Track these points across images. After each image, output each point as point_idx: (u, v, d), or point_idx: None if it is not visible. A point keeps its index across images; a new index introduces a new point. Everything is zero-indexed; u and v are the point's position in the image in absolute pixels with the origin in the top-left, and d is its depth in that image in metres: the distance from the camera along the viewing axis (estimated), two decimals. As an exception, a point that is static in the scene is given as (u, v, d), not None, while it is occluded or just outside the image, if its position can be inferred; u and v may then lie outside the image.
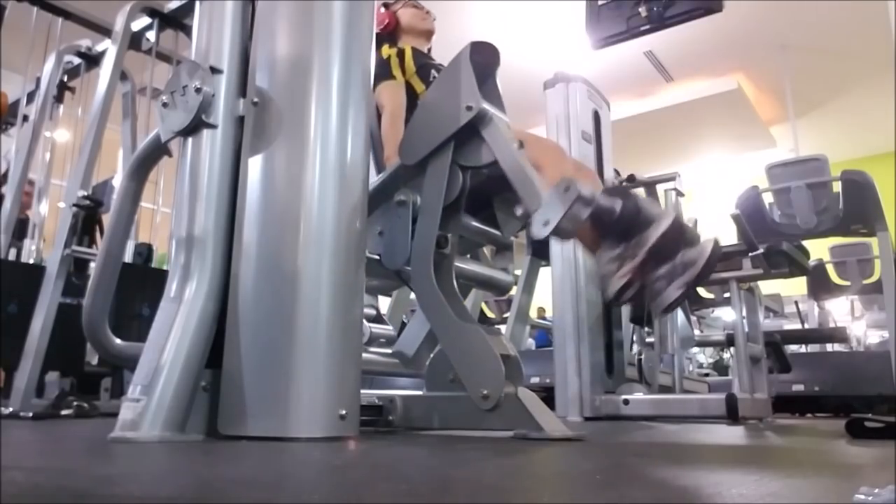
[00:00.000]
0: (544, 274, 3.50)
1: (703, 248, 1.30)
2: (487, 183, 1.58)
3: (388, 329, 1.86)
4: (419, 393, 1.65)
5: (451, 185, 1.47)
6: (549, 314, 6.63)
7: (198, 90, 1.43)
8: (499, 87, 1.54)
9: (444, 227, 1.48)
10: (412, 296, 1.59)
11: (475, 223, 1.67)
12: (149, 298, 2.70)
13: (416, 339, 1.73)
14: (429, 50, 2.28)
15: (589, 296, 2.89)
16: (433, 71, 2.09)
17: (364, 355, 1.52)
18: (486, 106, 1.44)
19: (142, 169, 1.68)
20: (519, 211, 1.37)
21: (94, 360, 2.64)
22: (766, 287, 4.11)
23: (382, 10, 2.24)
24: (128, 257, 2.97)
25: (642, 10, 2.66)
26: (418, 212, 1.50)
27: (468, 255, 1.82)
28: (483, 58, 1.49)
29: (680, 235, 1.31)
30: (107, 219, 2.24)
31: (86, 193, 2.61)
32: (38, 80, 3.32)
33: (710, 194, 7.82)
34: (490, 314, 5.42)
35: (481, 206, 1.67)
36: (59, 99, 3.32)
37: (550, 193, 1.30)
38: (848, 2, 5.99)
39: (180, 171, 1.49)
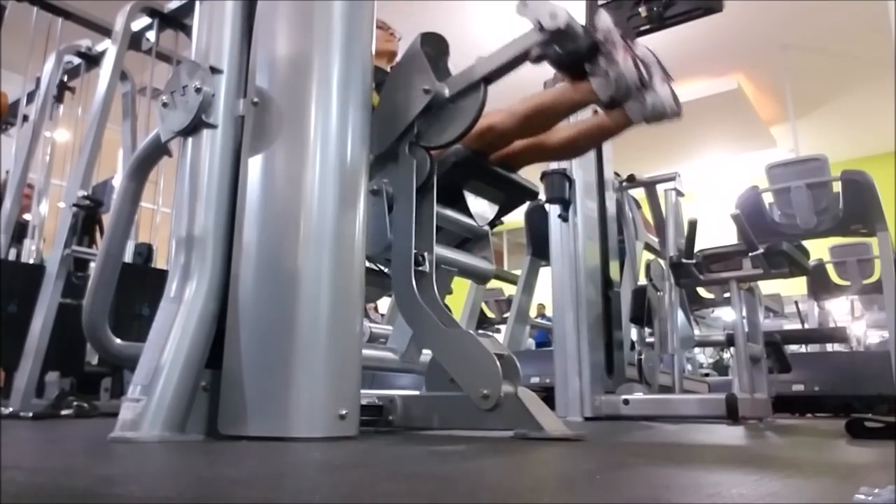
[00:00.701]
0: (544, 274, 3.50)
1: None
2: (454, 171, 1.61)
3: (387, 329, 1.87)
4: (419, 393, 1.65)
5: (419, 167, 1.50)
6: (548, 311, 6.65)
7: (198, 90, 1.43)
8: (451, 73, 1.57)
9: (420, 214, 1.50)
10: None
11: (450, 213, 1.68)
12: (149, 298, 2.71)
13: (406, 333, 1.75)
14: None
15: (589, 295, 2.89)
16: None
17: (364, 351, 1.52)
18: (441, 86, 1.48)
19: (142, 169, 1.68)
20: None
21: (94, 360, 2.64)
22: (766, 287, 4.10)
23: None
24: (128, 257, 2.97)
25: (642, 10, 2.65)
26: (392, 199, 1.53)
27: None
28: (433, 49, 1.56)
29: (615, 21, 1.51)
30: (107, 219, 2.24)
31: (86, 193, 2.61)
32: (38, 80, 3.33)
33: (710, 194, 7.83)
34: (490, 314, 5.41)
35: (454, 199, 1.69)
36: (59, 99, 3.33)
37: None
38: (848, 2, 5.99)
39: (180, 171, 1.49)
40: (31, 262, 3.04)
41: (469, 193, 1.71)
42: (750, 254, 2.61)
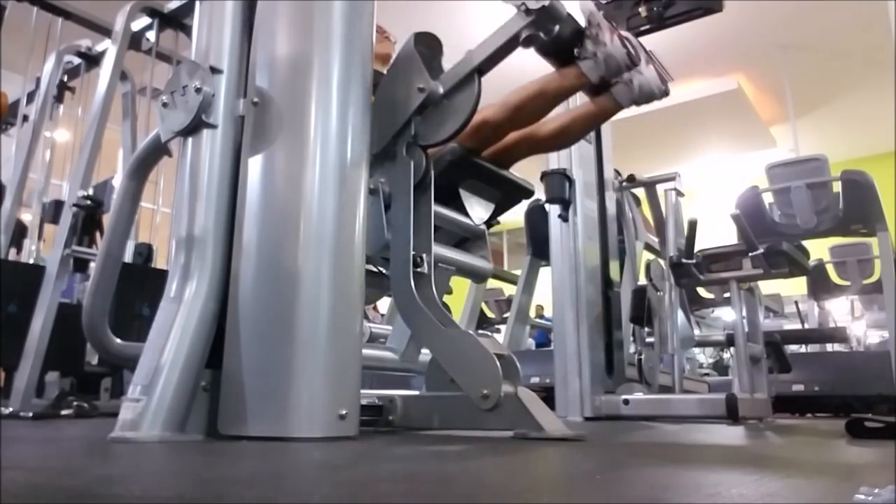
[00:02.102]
0: (544, 274, 3.50)
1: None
2: (450, 170, 1.61)
3: (387, 329, 1.87)
4: (419, 393, 1.66)
5: (416, 166, 1.51)
6: (547, 312, 6.65)
7: (198, 90, 1.43)
8: (444, 70, 1.58)
9: (417, 213, 1.50)
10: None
11: (447, 212, 1.69)
12: (149, 298, 2.71)
13: (405, 333, 1.75)
14: None
15: (589, 295, 2.89)
16: None
17: (364, 351, 1.52)
18: (436, 84, 1.49)
19: (142, 169, 1.68)
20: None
21: (94, 360, 2.64)
22: (766, 287, 4.10)
23: None
24: (128, 257, 2.97)
25: (642, 10, 2.65)
26: (389, 199, 1.53)
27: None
28: (427, 48, 1.57)
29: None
30: (107, 219, 2.24)
31: (86, 193, 2.61)
32: (38, 80, 3.33)
33: (710, 194, 7.83)
34: (490, 314, 5.41)
35: (450, 198, 1.70)
36: (59, 99, 3.33)
37: None
38: (848, 2, 5.99)
39: (180, 171, 1.49)
40: (32, 262, 3.04)
41: (465, 193, 1.72)
42: (750, 254, 2.61)
